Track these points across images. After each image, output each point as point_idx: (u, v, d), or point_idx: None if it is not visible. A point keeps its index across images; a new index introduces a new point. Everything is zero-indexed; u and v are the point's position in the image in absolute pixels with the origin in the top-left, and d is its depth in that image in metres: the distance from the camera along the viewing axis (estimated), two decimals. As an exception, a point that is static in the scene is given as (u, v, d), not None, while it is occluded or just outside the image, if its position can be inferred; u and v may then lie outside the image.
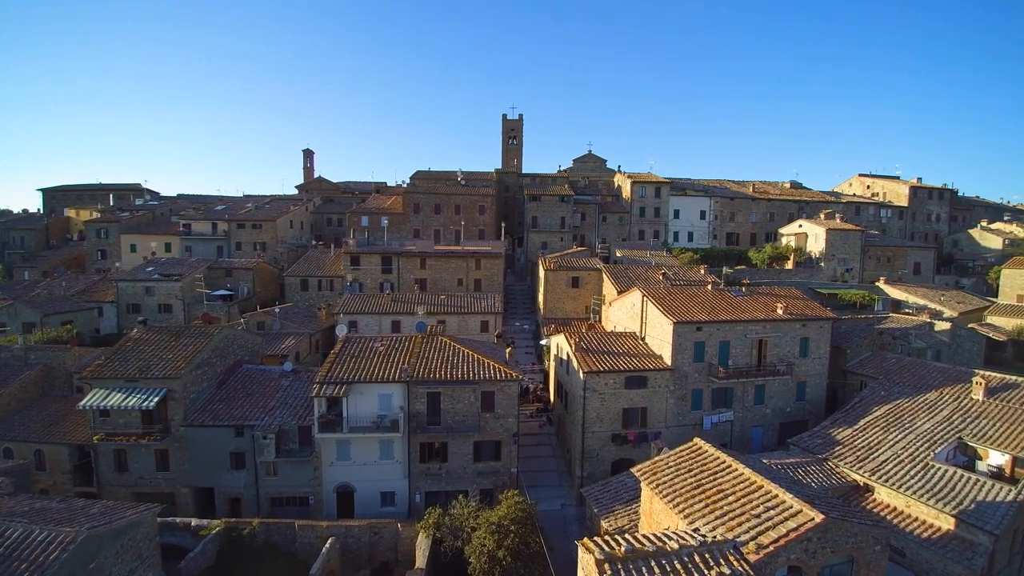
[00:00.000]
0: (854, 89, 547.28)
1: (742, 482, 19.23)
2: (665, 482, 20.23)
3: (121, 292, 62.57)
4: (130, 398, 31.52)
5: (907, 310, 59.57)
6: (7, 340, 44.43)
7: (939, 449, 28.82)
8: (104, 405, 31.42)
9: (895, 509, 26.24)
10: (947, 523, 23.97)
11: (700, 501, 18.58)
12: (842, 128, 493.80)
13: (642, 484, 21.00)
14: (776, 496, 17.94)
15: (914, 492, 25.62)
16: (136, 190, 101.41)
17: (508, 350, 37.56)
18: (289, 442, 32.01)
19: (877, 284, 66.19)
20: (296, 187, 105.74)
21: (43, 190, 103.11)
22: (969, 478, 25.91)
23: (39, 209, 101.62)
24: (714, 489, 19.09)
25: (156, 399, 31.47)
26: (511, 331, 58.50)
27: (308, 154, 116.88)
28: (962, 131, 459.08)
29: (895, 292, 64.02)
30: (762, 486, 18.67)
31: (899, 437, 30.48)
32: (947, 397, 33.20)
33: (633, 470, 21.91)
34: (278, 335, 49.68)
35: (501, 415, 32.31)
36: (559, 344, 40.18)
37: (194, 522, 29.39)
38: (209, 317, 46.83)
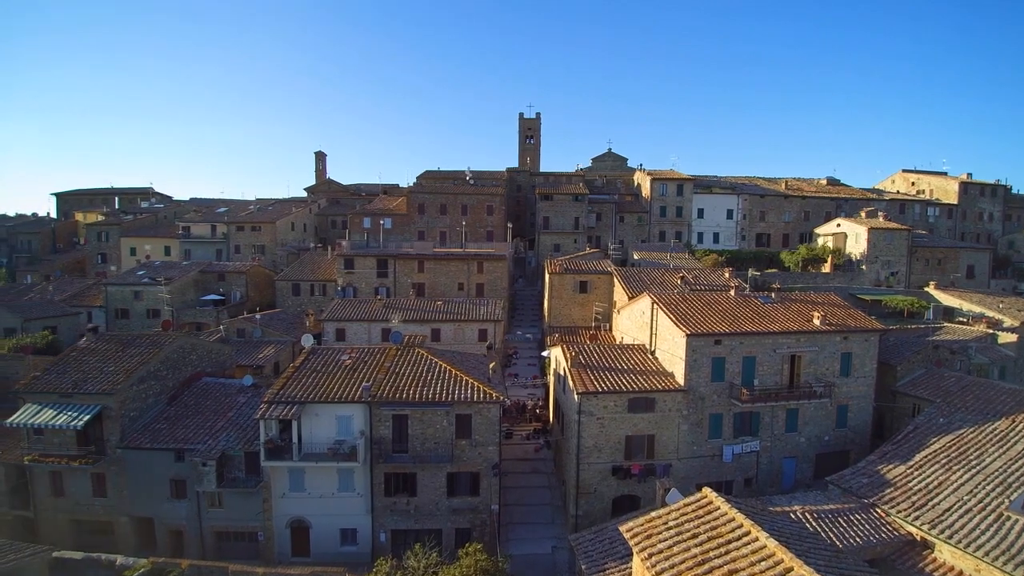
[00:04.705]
0: (895, 79, 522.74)
1: (763, 559, 14.01)
2: (661, 551, 15.14)
3: (110, 296, 60.24)
4: (60, 416, 27.82)
5: (961, 319, 52.71)
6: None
7: (1015, 495, 22.92)
8: (32, 423, 27.83)
9: (962, 574, 20.62)
10: (1033, 597, 18.36)
11: (705, 586, 13.51)
12: (883, 121, 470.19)
13: (634, 552, 15.99)
14: (812, 587, 12.74)
15: (986, 553, 19.93)
16: (145, 193, 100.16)
17: (492, 364, 32.79)
18: (235, 469, 27.79)
19: (926, 289, 59.33)
20: (305, 189, 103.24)
21: (57, 194, 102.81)
22: (1058, 536, 20.19)
23: (48, 213, 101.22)
24: (725, 568, 13.96)
25: (87, 417, 27.68)
26: (513, 340, 53.73)
27: (320, 156, 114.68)
28: (1014, 123, 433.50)
29: (947, 298, 57.04)
30: (791, 568, 13.47)
31: (964, 478, 24.63)
32: (1021, 427, 27.13)
33: (623, 529, 16.87)
34: (258, 343, 45.98)
35: (479, 442, 27.49)
36: (557, 357, 35.24)
37: (119, 560, 25.27)
38: (169, 324, 43.33)
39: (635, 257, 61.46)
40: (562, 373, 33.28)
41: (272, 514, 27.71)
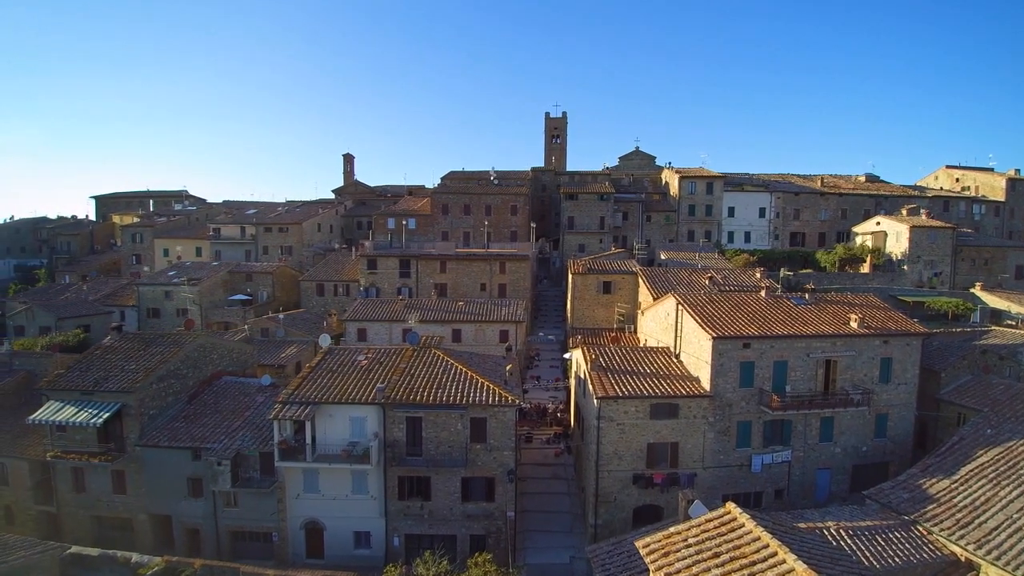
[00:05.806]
0: (939, 73, 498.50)
1: (792, 583, 12.87)
2: (679, 572, 14.08)
3: (142, 296, 61.69)
4: (81, 413, 28.11)
5: (1010, 321, 49.62)
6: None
7: (1071, 514, 21.15)
8: (54, 420, 28.20)
9: (1012, 600, 18.95)
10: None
11: (726, 613, 12.45)
12: (926, 116, 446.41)
13: (650, 570, 14.98)
14: (845, 618, 11.57)
15: (1036, 577, 18.35)
16: (179, 196, 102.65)
17: (509, 367, 31.93)
18: (250, 469, 27.65)
19: (972, 291, 56.18)
20: (332, 191, 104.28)
21: (96, 197, 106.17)
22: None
23: (87, 216, 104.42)
24: (749, 593, 12.86)
25: (106, 415, 27.90)
26: (536, 342, 52.84)
27: (348, 159, 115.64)
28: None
29: (994, 300, 53.90)
30: (823, 595, 12.28)
31: (1014, 494, 22.78)
32: (1077, 439, 25.07)
33: (639, 545, 15.88)
34: (281, 343, 46.26)
35: (494, 447, 26.70)
36: (578, 360, 34.24)
37: (134, 557, 25.26)
38: (192, 323, 43.81)
39: (662, 257, 59.86)
40: (582, 376, 32.28)
41: (286, 515, 27.52)
